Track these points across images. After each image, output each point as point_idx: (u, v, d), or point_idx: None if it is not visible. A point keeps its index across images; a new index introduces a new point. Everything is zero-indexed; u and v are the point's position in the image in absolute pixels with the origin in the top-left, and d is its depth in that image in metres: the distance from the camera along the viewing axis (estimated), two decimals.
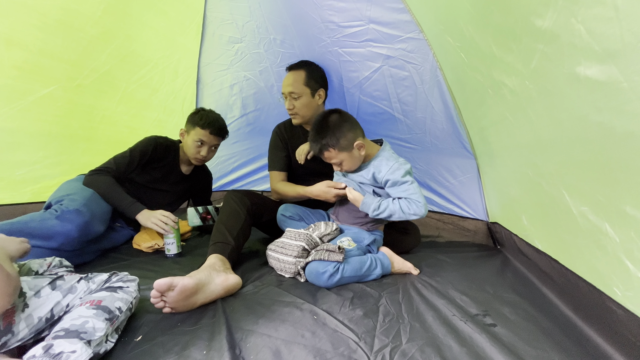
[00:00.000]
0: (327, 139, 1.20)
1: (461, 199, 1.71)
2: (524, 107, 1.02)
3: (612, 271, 0.80)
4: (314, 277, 1.05)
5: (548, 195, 1.03)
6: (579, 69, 0.74)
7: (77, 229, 1.14)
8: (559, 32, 0.76)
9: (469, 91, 1.33)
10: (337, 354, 0.71)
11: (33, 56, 1.47)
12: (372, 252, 1.22)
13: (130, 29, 1.68)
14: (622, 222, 0.76)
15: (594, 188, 0.82)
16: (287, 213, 1.38)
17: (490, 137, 1.35)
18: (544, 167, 1.03)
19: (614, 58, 0.65)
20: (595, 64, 0.69)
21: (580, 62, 0.73)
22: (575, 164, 0.88)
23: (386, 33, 1.38)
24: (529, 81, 0.94)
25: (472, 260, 1.35)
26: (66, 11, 1.46)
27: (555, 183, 0.98)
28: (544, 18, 0.78)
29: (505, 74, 1.04)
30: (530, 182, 1.12)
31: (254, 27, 1.71)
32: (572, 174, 0.90)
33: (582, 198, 0.88)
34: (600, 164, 0.79)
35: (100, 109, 1.78)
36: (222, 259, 1.09)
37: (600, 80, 0.69)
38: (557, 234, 1.05)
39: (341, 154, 1.22)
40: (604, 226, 0.81)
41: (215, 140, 1.59)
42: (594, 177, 0.82)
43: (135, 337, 0.76)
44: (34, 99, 1.53)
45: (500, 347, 0.73)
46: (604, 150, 0.76)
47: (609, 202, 0.79)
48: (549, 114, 0.92)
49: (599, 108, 0.73)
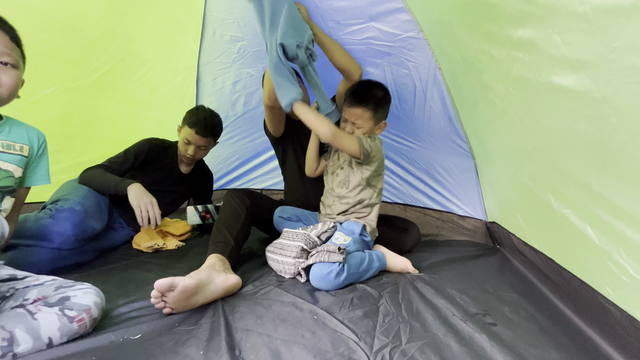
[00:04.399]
0: (374, 99, 1.23)
1: (459, 198, 1.72)
2: (509, 112, 1.05)
3: (601, 271, 0.81)
4: (320, 280, 1.03)
5: (537, 197, 1.05)
6: (555, 78, 0.77)
7: (72, 227, 1.14)
8: (537, 42, 0.79)
9: (464, 92, 1.34)
10: (337, 354, 0.71)
11: (34, 57, 1.47)
12: (365, 238, 1.23)
13: (131, 29, 1.68)
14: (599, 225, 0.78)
15: (573, 193, 0.85)
16: (285, 214, 1.38)
17: (485, 137, 1.36)
18: (531, 170, 1.06)
19: (587, 68, 0.67)
20: (569, 74, 0.72)
21: (556, 71, 0.76)
22: (557, 169, 0.91)
23: (386, 32, 1.38)
24: (512, 87, 0.97)
25: (472, 259, 1.35)
26: (67, 12, 1.46)
27: (542, 186, 1.01)
28: (525, 27, 0.81)
29: (493, 79, 1.06)
30: (522, 184, 1.14)
31: (255, 26, 1.71)
32: (554, 179, 0.93)
33: (565, 201, 0.91)
34: (577, 170, 0.82)
35: (100, 109, 1.78)
36: (222, 259, 1.09)
37: (575, 89, 0.72)
38: (550, 234, 1.06)
39: (370, 121, 1.24)
40: (586, 228, 0.83)
41: (201, 141, 1.55)
42: (572, 181, 0.85)
43: (133, 336, 0.77)
44: (34, 99, 1.53)
45: (500, 346, 0.73)
46: (580, 156, 0.79)
47: (586, 207, 0.81)
48: (531, 119, 0.94)
49: (575, 116, 0.75)
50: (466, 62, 1.17)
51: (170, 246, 1.46)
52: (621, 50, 0.58)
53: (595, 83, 0.66)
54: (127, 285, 1.05)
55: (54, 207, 1.19)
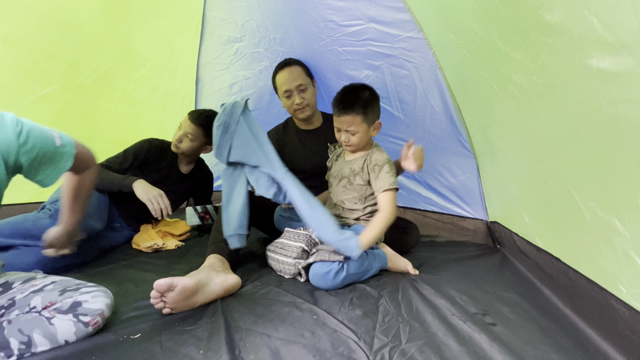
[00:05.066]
0: (360, 102, 1.19)
1: (461, 198, 1.71)
2: (532, 103, 1.01)
3: (619, 268, 0.79)
4: (319, 279, 1.03)
5: (553, 192, 1.02)
6: (591, 62, 0.72)
7: None
8: (569, 25, 0.75)
9: (471, 89, 1.33)
10: (337, 354, 0.71)
11: (32, 56, 1.47)
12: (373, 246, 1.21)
13: (130, 29, 1.68)
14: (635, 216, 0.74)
15: (604, 182, 0.81)
16: (286, 214, 1.38)
17: (493, 134, 1.34)
18: (550, 164, 1.02)
19: (629, 49, 0.63)
20: (608, 56, 0.68)
21: (592, 54, 0.72)
22: (585, 159, 0.86)
23: (386, 32, 1.38)
24: (536, 76, 0.93)
25: (472, 259, 1.35)
26: (65, 11, 1.46)
27: (562, 179, 0.97)
28: (553, 12, 0.78)
29: (512, 70, 1.03)
30: (535, 180, 1.12)
31: (254, 27, 1.71)
32: (581, 170, 0.89)
33: (591, 193, 0.87)
34: (612, 157, 0.77)
35: (99, 109, 1.78)
36: (221, 259, 1.09)
37: (615, 72, 0.68)
38: (561, 231, 1.05)
39: (362, 124, 1.20)
40: (613, 222, 0.79)
41: (189, 128, 1.54)
42: (604, 170, 0.80)
43: (133, 335, 0.77)
44: (33, 99, 1.53)
45: (499, 346, 0.73)
46: (617, 143, 0.74)
47: (620, 197, 0.77)
48: (559, 108, 0.90)
49: (614, 100, 0.71)
50: (477, 56, 1.15)
51: (170, 246, 1.46)
52: None
53: (638, 63, 0.63)
54: (127, 285, 1.05)
55: (53, 207, 1.19)
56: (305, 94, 1.50)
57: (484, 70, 1.17)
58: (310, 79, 1.54)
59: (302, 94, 1.49)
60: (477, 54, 1.16)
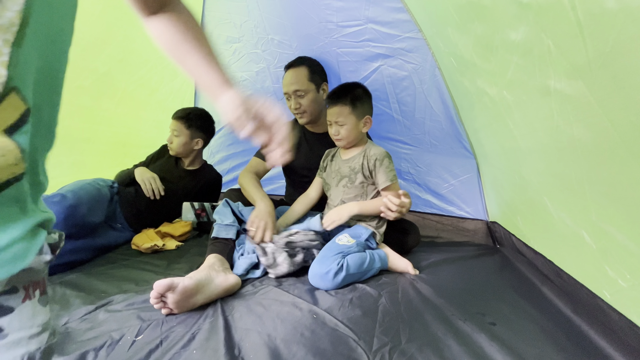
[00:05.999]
0: (349, 95, 1.23)
1: (461, 199, 1.71)
2: (503, 116, 1.04)
3: (598, 275, 0.81)
4: (318, 279, 1.03)
5: (534, 200, 1.05)
6: (550, 82, 0.76)
7: (61, 209, 1.16)
8: (530, 45, 0.78)
9: (461, 94, 1.34)
10: (337, 353, 0.71)
11: None
12: (372, 246, 1.22)
13: (129, 29, 1.68)
14: (594, 230, 0.78)
15: (568, 198, 0.85)
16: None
17: (483, 139, 1.36)
18: (526, 173, 1.06)
19: (581, 73, 0.66)
20: (564, 78, 0.71)
21: (550, 75, 0.75)
22: (551, 174, 0.90)
23: (385, 33, 1.38)
24: (506, 91, 0.96)
25: (471, 259, 1.35)
26: None
27: (537, 189, 1.01)
28: (518, 31, 0.80)
29: (487, 83, 1.06)
30: (519, 186, 1.14)
31: (252, 27, 1.71)
32: (548, 183, 0.93)
33: (560, 205, 0.90)
34: (571, 175, 0.81)
35: (99, 110, 1.78)
36: (221, 259, 1.09)
37: (569, 94, 0.71)
38: (549, 236, 1.06)
39: (350, 116, 1.23)
40: (582, 233, 0.82)
41: (173, 125, 1.65)
42: (567, 186, 0.84)
43: (134, 337, 0.77)
44: None
45: (499, 345, 0.73)
46: (574, 162, 0.78)
47: (580, 212, 0.81)
48: (526, 123, 0.94)
49: (569, 120, 0.75)
50: (460, 66, 1.17)
51: (170, 247, 1.46)
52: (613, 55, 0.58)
53: (589, 88, 0.65)
54: (127, 285, 1.05)
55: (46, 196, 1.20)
56: (302, 99, 1.43)
57: (465, 80, 1.20)
58: (314, 84, 1.44)
59: (299, 99, 1.43)
60: (459, 63, 1.18)
